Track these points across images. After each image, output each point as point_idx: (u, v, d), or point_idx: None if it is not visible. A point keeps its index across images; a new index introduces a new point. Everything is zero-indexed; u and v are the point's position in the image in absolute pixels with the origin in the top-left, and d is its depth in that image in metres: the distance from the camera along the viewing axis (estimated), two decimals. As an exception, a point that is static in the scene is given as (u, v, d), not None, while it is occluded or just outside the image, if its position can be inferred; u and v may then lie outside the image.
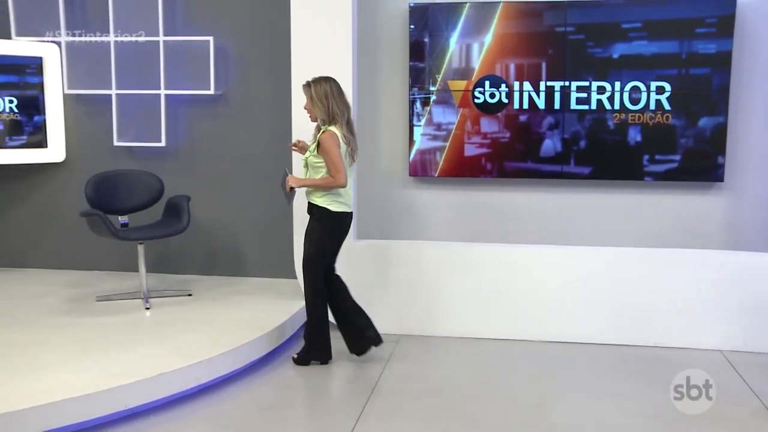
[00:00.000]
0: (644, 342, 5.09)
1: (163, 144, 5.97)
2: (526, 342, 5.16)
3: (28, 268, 6.43)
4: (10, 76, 6.00)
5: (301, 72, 5.13)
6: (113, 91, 5.98)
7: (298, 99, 5.12)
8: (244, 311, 5.10)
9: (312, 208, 4.52)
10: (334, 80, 4.47)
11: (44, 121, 6.12)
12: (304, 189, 4.57)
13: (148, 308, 5.16)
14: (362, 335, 4.70)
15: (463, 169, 5.52)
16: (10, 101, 6.00)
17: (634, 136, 5.27)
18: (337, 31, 5.12)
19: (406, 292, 5.29)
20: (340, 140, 4.39)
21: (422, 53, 5.47)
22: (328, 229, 4.51)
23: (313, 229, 4.51)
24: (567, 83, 5.29)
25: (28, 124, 6.10)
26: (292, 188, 4.49)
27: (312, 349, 4.65)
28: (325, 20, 5.13)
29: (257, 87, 5.86)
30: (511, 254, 5.24)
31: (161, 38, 5.84)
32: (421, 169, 5.58)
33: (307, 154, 4.51)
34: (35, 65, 6.01)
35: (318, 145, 4.40)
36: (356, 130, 4.62)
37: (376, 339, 4.71)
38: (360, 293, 5.19)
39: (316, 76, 4.49)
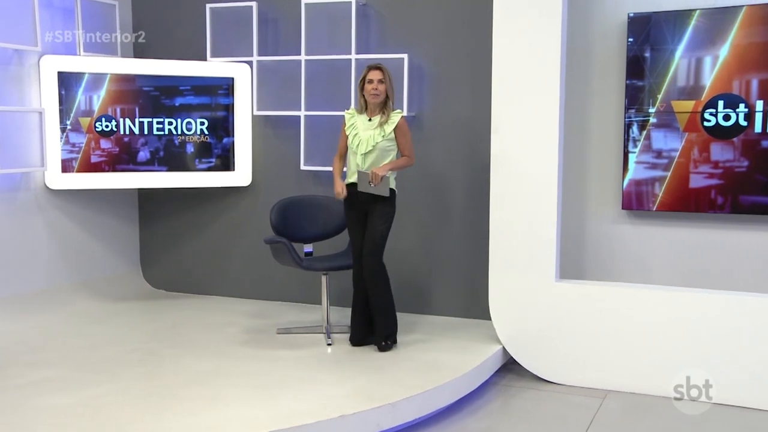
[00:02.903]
0: None
1: (350, 169, 6.02)
2: (760, 411, 4.58)
3: (210, 295, 6.67)
4: (203, 98, 6.29)
5: (502, 92, 4.97)
6: (302, 113, 6.10)
7: (499, 122, 5.00)
8: (431, 353, 4.95)
9: (390, 193, 4.96)
10: None
11: (232, 143, 6.37)
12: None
13: (329, 344, 5.14)
14: (373, 331, 5.10)
15: (688, 203, 5.10)
16: (201, 123, 6.31)
17: None
18: (544, 47, 4.88)
19: (616, 343, 4.90)
20: None
21: (641, 70, 5.14)
22: (395, 209, 5.07)
23: (388, 213, 4.99)
24: (827, 102, 4.75)
25: (216, 147, 6.37)
26: (382, 178, 4.82)
27: (393, 330, 5.11)
28: (532, 36, 4.92)
29: (453, 109, 5.74)
30: (746, 305, 4.67)
31: (353, 56, 5.89)
32: (636, 202, 5.24)
33: (378, 139, 4.88)
34: (227, 86, 6.28)
35: (396, 128, 4.91)
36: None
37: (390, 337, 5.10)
38: (562, 340, 4.95)
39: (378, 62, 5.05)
